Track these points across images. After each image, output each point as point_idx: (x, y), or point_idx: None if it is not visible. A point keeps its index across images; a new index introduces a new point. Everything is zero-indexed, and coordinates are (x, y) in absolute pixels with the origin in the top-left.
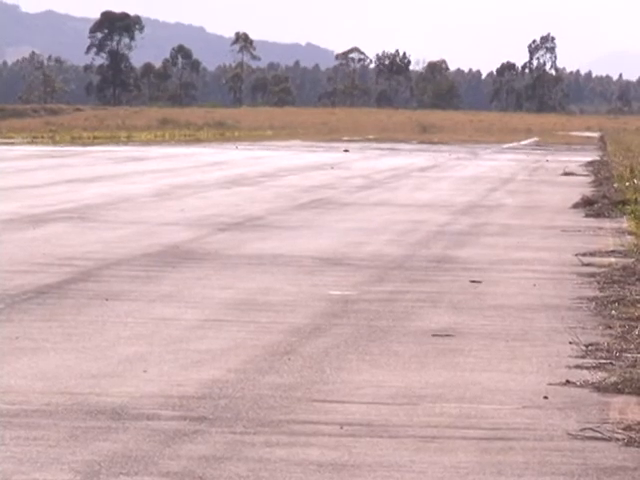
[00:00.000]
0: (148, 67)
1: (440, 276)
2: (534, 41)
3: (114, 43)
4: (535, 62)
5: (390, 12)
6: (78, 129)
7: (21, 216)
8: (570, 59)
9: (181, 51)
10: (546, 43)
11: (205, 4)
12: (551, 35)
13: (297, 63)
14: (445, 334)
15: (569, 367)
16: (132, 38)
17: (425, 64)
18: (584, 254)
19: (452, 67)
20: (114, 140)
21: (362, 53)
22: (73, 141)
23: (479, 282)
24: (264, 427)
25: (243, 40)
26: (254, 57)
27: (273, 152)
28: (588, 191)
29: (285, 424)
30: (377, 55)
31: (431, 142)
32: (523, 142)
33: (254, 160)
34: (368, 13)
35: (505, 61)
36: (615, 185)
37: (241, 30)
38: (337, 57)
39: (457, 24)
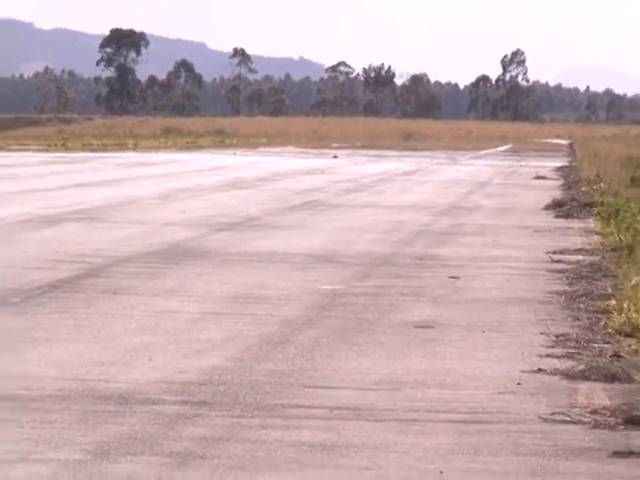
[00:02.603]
0: (153, 80)
1: (422, 272)
2: (506, 55)
3: (122, 58)
4: (508, 75)
5: (376, 29)
6: (88, 137)
7: (35, 217)
8: (541, 72)
9: (184, 65)
10: (517, 57)
11: (206, 21)
12: (521, 50)
13: (289, 76)
14: (426, 325)
15: (540, 356)
16: (138, 53)
17: (408, 77)
18: (554, 252)
19: (433, 79)
20: (122, 147)
21: (350, 66)
22: (84, 148)
23: (457, 278)
24: (260, 411)
25: (241, 55)
26: (251, 70)
27: (268, 158)
28: (558, 194)
29: (279, 408)
30: (364, 68)
31: (414, 149)
32: (498, 149)
33: (251, 165)
34: (355, 30)
35: (481, 74)
36: (583, 188)
37: (239, 45)
38: (327, 70)
39: (437, 40)
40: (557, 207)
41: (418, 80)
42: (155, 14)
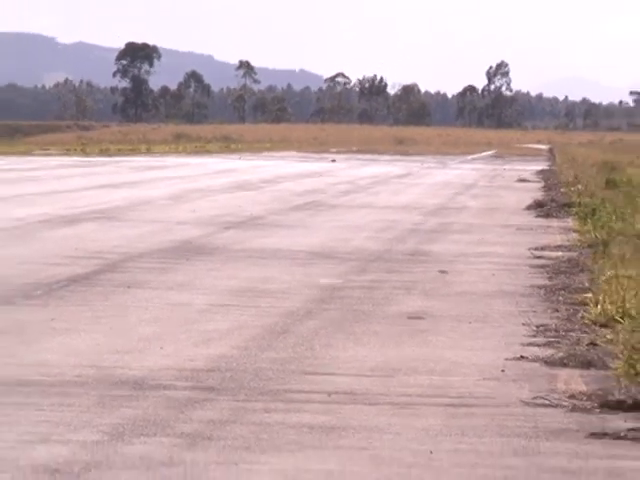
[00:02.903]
0: (165, 90)
1: (413, 267)
2: (491, 67)
3: (136, 69)
4: (493, 85)
5: (370, 43)
6: (105, 142)
7: (56, 216)
8: (524, 82)
9: (193, 76)
10: (501, 69)
11: (213, 36)
12: (505, 62)
13: (291, 86)
14: (418, 317)
15: (523, 345)
16: (151, 65)
17: (400, 87)
18: (535, 248)
19: (423, 89)
20: (136, 152)
21: (346, 77)
22: (101, 153)
23: (446, 272)
24: (263, 395)
25: (246, 67)
26: (255, 81)
27: (271, 162)
28: (539, 195)
29: (281, 393)
30: (359, 79)
31: (406, 153)
32: (484, 154)
33: (255, 169)
34: (352, 44)
35: (467, 84)
36: (562, 190)
37: (244, 58)
38: (325, 81)
39: (426, 53)
40: (538, 207)
41: (409, 90)
42: (166, 29)
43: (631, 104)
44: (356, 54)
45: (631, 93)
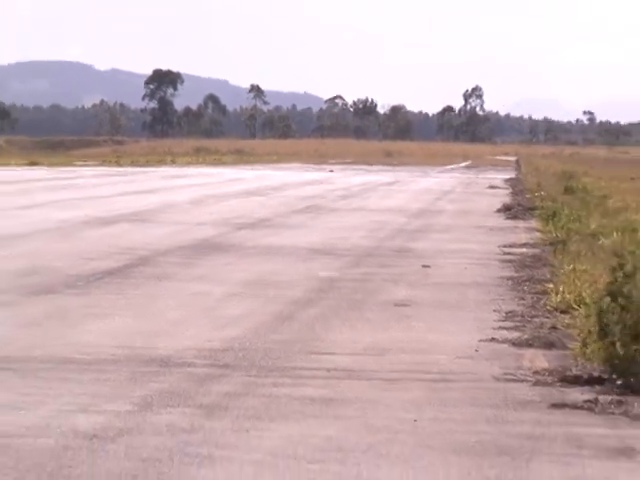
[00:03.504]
0: (187, 110)
1: (400, 262)
2: (467, 90)
3: (162, 92)
4: (468, 106)
5: (363, 70)
6: (136, 155)
7: (94, 218)
8: (495, 103)
9: (211, 98)
10: (475, 92)
11: (228, 64)
12: (479, 86)
13: (295, 106)
14: (403, 304)
15: (493, 328)
16: (175, 88)
17: (389, 107)
18: (504, 246)
19: (408, 109)
20: (162, 163)
21: (343, 99)
22: (132, 164)
23: (428, 266)
24: (272, 372)
25: (256, 90)
26: (264, 102)
27: (278, 172)
28: (507, 200)
29: (287, 369)
30: (354, 101)
31: (393, 164)
32: (460, 164)
33: (264, 177)
34: (348, 71)
35: (446, 105)
36: (527, 196)
37: (255, 82)
38: (325, 102)
39: (411, 78)
40: (507, 210)
41: (396, 110)
42: (188, 57)
43: (585, 122)
44: (351, 79)
45: (584, 112)
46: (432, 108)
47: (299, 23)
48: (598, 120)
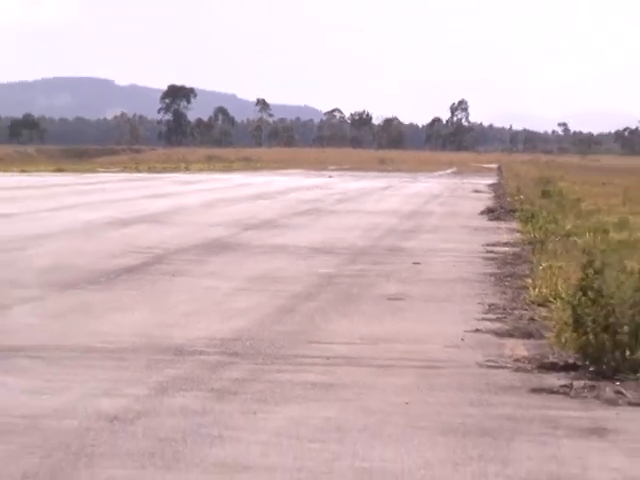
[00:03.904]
0: (199, 121)
1: (392, 259)
2: (453, 103)
3: (176, 105)
4: (455, 118)
5: (359, 85)
6: (153, 162)
7: (115, 219)
8: (479, 115)
9: (221, 110)
10: (461, 105)
11: (237, 79)
12: (464, 100)
13: (298, 118)
14: (396, 298)
15: (478, 320)
16: (188, 102)
17: (382, 119)
18: (488, 244)
19: (400, 121)
20: (176, 169)
21: (341, 112)
22: (150, 170)
23: (419, 263)
24: (276, 359)
25: (262, 103)
26: (270, 114)
27: (282, 177)
28: (490, 203)
29: (290, 357)
30: (351, 113)
31: (386, 171)
32: (447, 171)
33: (269, 183)
34: (345, 86)
35: (434, 117)
36: (508, 199)
37: (261, 97)
38: (325, 114)
39: (403, 92)
40: (490, 212)
41: (389, 121)
42: (200, 73)
43: (560, 132)
44: (348, 93)
45: (559, 124)
46: (422, 120)
47: (301, 43)
48: (572, 131)
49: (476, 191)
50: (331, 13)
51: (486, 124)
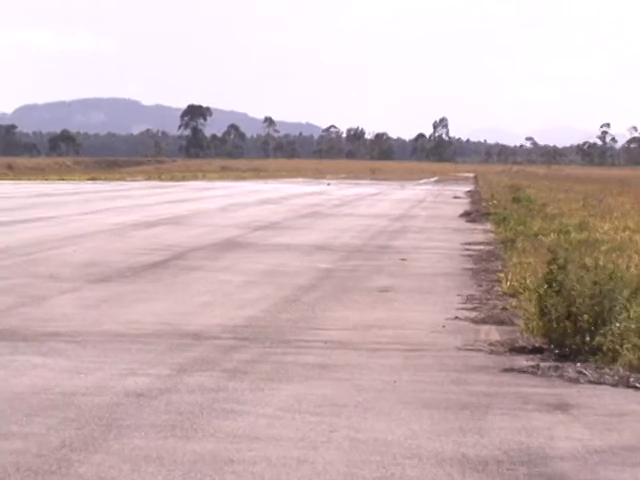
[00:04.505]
0: (214, 136)
1: (382, 256)
2: (435, 120)
3: (194, 122)
4: (437, 133)
5: (354, 104)
6: (174, 172)
7: (141, 222)
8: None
9: (233, 127)
10: (442, 122)
11: (247, 100)
12: (445, 117)
13: (301, 134)
14: (385, 290)
15: (457, 309)
16: (205, 119)
17: (374, 134)
18: (466, 243)
19: (389, 136)
20: (194, 178)
21: (337, 128)
22: (171, 179)
23: (405, 260)
24: (281, 343)
25: (269, 121)
26: (275, 131)
27: (286, 185)
28: (468, 207)
29: (293, 342)
30: (347, 129)
31: (377, 179)
32: (430, 180)
33: (275, 190)
34: (342, 105)
35: (419, 132)
36: (483, 204)
37: (268, 115)
38: (323, 130)
39: (392, 111)
40: (467, 215)
41: (380, 136)
42: (215, 94)
43: (529, 146)
44: (344, 112)
45: (527, 138)
46: (408, 135)
47: (303, 69)
48: (539, 144)
49: (455, 197)
50: (330, 46)
51: (464, 138)
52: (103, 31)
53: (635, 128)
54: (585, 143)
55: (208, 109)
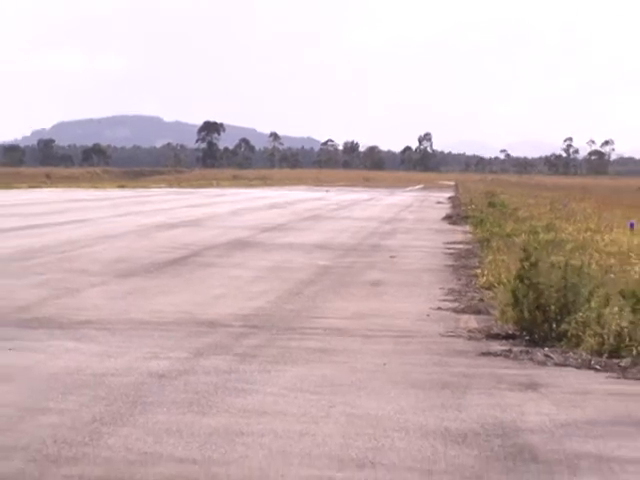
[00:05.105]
0: (226, 149)
1: (374, 254)
2: (420, 135)
3: (209, 137)
4: (422, 146)
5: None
6: (192, 180)
7: (163, 223)
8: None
9: (243, 141)
10: (427, 136)
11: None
12: (429, 133)
13: (303, 147)
14: (377, 283)
15: (440, 300)
16: (218, 134)
17: (367, 147)
18: (447, 243)
19: (380, 148)
20: (209, 186)
21: (334, 142)
22: (189, 186)
23: (395, 257)
24: (286, 330)
25: (274, 136)
26: (280, 144)
27: (290, 192)
28: (449, 211)
29: (297, 329)
30: (343, 142)
31: (370, 187)
32: (416, 187)
33: (280, 196)
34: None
35: (406, 145)
36: (462, 208)
37: (274, 130)
38: (322, 143)
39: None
40: (449, 218)
41: (372, 149)
42: (228, 112)
43: (503, 157)
44: (341, 127)
45: (501, 151)
46: (397, 147)
47: (304, 90)
48: (512, 156)
49: (439, 202)
50: (328, 69)
51: (446, 151)
52: (127, 55)
53: (593, 141)
54: (552, 155)
55: (221, 125)
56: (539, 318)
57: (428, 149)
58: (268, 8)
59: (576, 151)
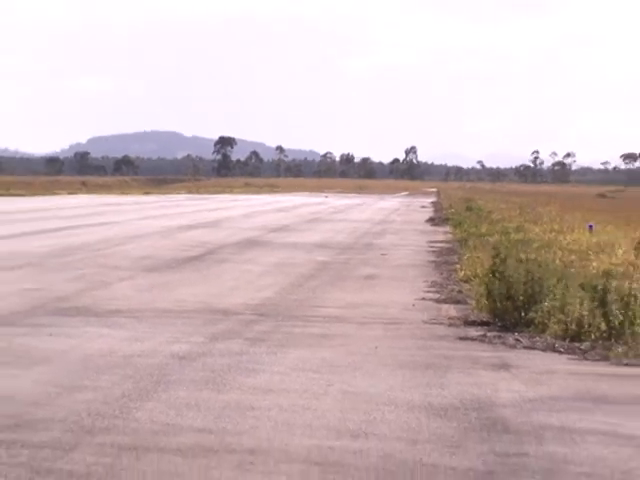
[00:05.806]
0: (238, 161)
1: (367, 252)
2: (407, 148)
3: (224, 150)
4: (408, 158)
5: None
6: (208, 187)
7: (184, 225)
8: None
9: (254, 153)
10: (412, 150)
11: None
12: (414, 146)
13: (305, 159)
14: (370, 277)
15: (423, 292)
16: (232, 147)
17: (360, 159)
18: (430, 242)
19: (372, 160)
20: (224, 192)
21: (332, 154)
22: (206, 192)
23: (385, 254)
24: (290, 318)
25: (280, 149)
26: (285, 156)
27: (294, 197)
28: (432, 214)
29: (300, 317)
30: (340, 154)
31: (363, 193)
32: (403, 193)
33: (285, 201)
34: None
35: (394, 157)
36: (443, 212)
37: (280, 144)
38: (321, 156)
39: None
40: (432, 221)
41: (365, 160)
42: (240, 127)
43: (479, 167)
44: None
45: (477, 162)
46: (386, 159)
47: (306, 110)
48: (486, 166)
49: (423, 207)
50: (325, 93)
51: (429, 162)
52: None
53: (556, 154)
54: (521, 166)
55: (234, 139)
56: (509, 307)
57: (414, 160)
58: (274, 40)
59: (542, 162)
